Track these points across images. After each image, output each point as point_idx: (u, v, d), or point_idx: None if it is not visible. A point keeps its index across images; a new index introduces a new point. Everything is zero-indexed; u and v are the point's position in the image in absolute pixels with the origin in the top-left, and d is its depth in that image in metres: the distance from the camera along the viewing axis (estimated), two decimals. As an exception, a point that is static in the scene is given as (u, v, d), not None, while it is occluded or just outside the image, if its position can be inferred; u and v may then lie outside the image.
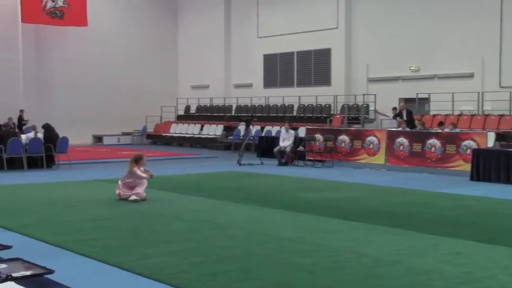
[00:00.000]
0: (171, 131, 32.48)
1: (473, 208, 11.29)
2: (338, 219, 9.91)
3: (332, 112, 26.97)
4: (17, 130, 20.30)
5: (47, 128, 19.90)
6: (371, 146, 19.28)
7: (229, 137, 28.16)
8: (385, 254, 7.36)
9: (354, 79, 27.24)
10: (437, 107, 23.40)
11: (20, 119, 29.00)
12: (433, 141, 17.76)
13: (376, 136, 19.29)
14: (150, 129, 33.53)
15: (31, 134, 19.26)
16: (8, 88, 29.96)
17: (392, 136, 18.86)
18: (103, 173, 17.22)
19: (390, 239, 8.30)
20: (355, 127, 23.73)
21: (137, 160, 12.21)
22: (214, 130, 30.24)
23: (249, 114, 28.90)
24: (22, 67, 30.46)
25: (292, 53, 29.32)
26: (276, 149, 20.56)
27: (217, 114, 31.99)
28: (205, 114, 32.61)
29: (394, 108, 22.61)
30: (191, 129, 31.54)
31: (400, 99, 23.76)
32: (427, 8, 24.59)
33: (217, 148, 28.21)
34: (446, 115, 22.56)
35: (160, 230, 8.89)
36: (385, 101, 24.52)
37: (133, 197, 11.72)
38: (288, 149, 20.34)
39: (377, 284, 6.12)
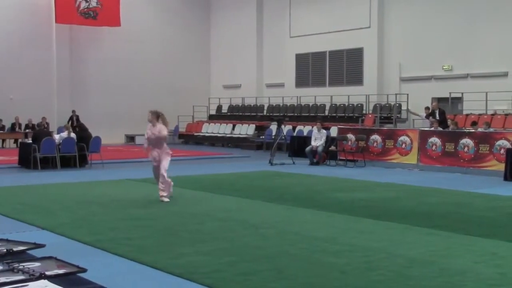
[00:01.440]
0: (203, 130, 32.59)
1: (507, 208, 11.12)
2: (371, 219, 9.84)
3: (364, 111, 26.81)
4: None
5: (81, 128, 20.10)
6: (404, 146, 19.13)
7: (261, 137, 28.17)
8: (418, 255, 7.28)
9: (386, 78, 27.05)
10: (470, 106, 23.10)
11: (73, 119, 29.05)
12: (466, 140, 17.55)
13: (408, 136, 19.13)
14: (182, 129, 33.67)
15: (64, 134, 19.46)
16: (42, 88, 30.36)
17: (424, 135, 18.69)
18: (135, 172, 17.34)
19: (424, 240, 8.22)
20: (387, 126, 23.55)
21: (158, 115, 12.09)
22: (246, 129, 30.27)
23: (281, 114, 28.87)
24: (56, 67, 30.82)
25: (324, 52, 29.22)
26: (308, 148, 20.51)
27: (249, 113, 32.01)
28: (237, 114, 32.66)
29: (427, 108, 22.41)
30: (223, 129, 31.61)
31: (433, 99, 23.57)
32: (461, 7, 24.32)
33: (249, 148, 28.23)
34: (480, 114, 22.27)
35: (193, 229, 8.91)
36: (418, 101, 24.31)
37: (164, 199, 11.74)
38: (320, 149, 20.28)
39: (410, 284, 6.06)
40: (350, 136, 20.63)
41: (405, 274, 6.44)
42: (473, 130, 18.51)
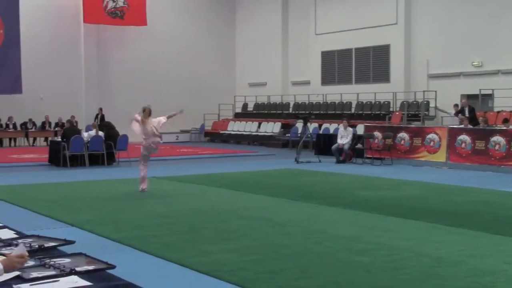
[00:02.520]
0: (228, 128, 32.65)
1: (538, 207, 10.97)
2: (398, 217, 9.77)
3: (391, 109, 26.63)
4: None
5: (108, 126, 20.28)
6: (432, 143, 18.96)
7: (287, 135, 28.14)
8: (446, 254, 7.21)
9: (413, 75, 26.83)
10: (502, 103, 22.75)
11: (98, 117, 29.38)
12: (497, 138, 17.32)
13: (436, 134, 18.96)
14: (208, 127, 33.77)
15: (92, 132, 19.65)
16: (70, 87, 30.69)
17: (453, 133, 18.50)
18: (161, 170, 17.43)
19: (452, 239, 8.14)
20: (415, 124, 23.37)
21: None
22: (271, 127, 30.26)
23: (307, 112, 28.79)
24: (84, 66, 31.14)
25: (350, 49, 29.08)
26: (334, 146, 20.44)
27: (274, 111, 31.99)
28: (262, 112, 32.66)
29: (456, 105, 22.19)
30: (248, 127, 31.64)
31: (462, 96, 23.31)
32: (490, 1, 24.01)
33: (275, 146, 28.22)
34: (511, 111, 21.95)
35: (218, 227, 8.94)
36: (446, 98, 24.06)
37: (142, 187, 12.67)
38: (346, 147, 20.20)
39: (437, 284, 6.00)
40: (377, 134, 20.51)
41: (432, 273, 6.38)
42: (504, 128, 18.23)
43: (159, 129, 13.08)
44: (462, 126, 19.22)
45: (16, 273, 4.04)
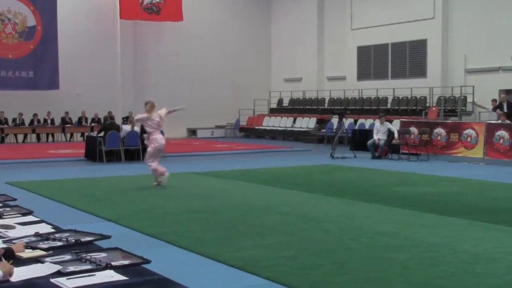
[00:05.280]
0: (264, 124, 32.65)
1: None
2: (434, 214, 9.67)
3: (427, 104, 26.35)
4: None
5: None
6: (469, 139, 18.72)
7: (322, 130, 28.07)
8: (484, 251, 7.12)
9: (451, 70, 26.49)
10: (540, 98, 22.39)
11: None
12: (535, 134, 17.02)
13: (474, 129, 18.70)
14: (243, 122, 33.81)
15: (128, 127, 19.82)
16: (107, 83, 30.98)
17: (491, 129, 18.24)
18: (197, 166, 17.51)
19: (490, 236, 8.03)
20: (451, 119, 23.08)
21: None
22: (307, 123, 30.19)
23: (342, 107, 28.63)
24: (120, 62, 31.40)
25: (386, 44, 28.82)
26: (369, 142, 20.31)
27: (310, 107, 31.91)
28: (298, 107, 32.59)
29: (494, 100, 21.87)
30: (283, 122, 31.61)
31: (501, 91, 22.95)
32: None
33: (310, 141, 28.16)
34: (550, 107, 21.56)
35: (254, 223, 8.95)
36: (484, 93, 23.72)
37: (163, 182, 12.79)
38: (382, 142, 20.05)
39: (475, 281, 5.93)
40: (413, 129, 20.32)
41: (470, 270, 6.31)
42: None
43: (162, 121, 13.35)
44: (500, 121, 18.93)
45: (57, 267, 4.10)
